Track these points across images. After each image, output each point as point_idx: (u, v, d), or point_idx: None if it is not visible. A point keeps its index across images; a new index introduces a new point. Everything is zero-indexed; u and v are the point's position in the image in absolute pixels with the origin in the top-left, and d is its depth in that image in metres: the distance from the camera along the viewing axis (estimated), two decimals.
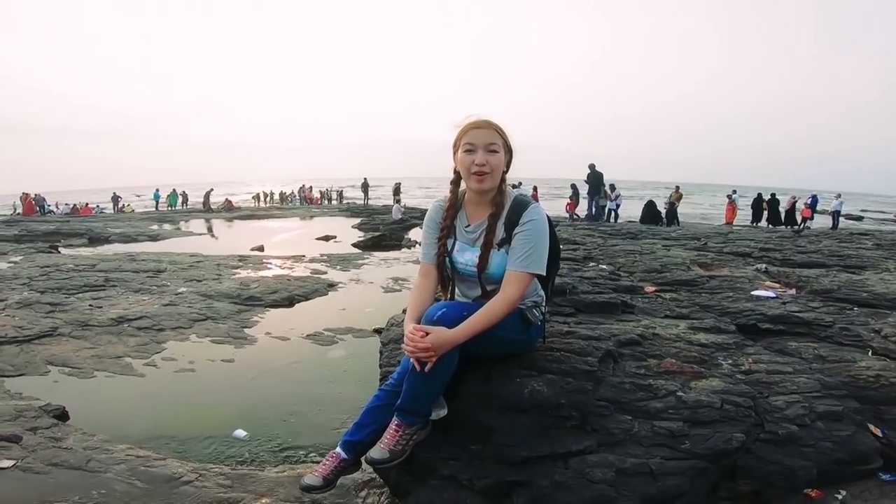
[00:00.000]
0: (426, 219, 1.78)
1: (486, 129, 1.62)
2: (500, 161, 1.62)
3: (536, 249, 1.57)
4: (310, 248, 10.43)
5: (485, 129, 1.62)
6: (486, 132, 1.61)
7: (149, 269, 7.26)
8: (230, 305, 5.20)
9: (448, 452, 1.51)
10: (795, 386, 1.81)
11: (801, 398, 1.73)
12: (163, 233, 15.25)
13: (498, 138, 1.62)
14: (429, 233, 1.76)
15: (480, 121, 1.64)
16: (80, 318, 4.50)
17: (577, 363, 1.70)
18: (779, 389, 1.79)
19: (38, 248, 10.21)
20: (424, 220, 1.79)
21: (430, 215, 1.77)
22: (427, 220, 1.78)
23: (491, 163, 1.59)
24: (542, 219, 1.62)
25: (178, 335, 4.24)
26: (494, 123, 1.64)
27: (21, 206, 23.15)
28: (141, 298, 5.49)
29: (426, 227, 1.77)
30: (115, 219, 20.57)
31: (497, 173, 1.62)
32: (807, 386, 1.81)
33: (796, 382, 1.84)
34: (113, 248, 11.94)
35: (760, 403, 1.67)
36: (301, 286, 6.03)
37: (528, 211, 1.61)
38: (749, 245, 5.62)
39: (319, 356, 3.73)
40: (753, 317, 2.75)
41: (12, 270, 7.01)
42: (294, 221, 19.20)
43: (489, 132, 1.61)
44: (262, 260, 8.57)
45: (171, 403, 2.90)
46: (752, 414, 1.60)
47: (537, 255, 1.58)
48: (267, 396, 2.96)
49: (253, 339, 4.18)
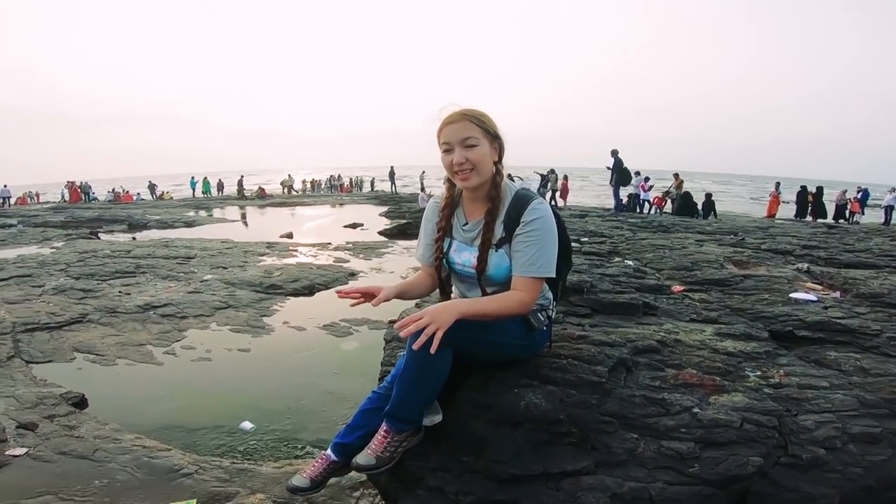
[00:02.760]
0: (424, 218, 1.69)
1: (460, 122, 1.48)
2: (483, 154, 1.48)
3: (543, 251, 1.46)
4: (337, 235, 10.52)
5: (457, 124, 1.48)
6: (459, 126, 1.47)
7: (179, 256, 7.47)
8: (252, 293, 5.28)
9: (438, 462, 1.43)
10: (830, 403, 1.64)
11: (835, 417, 1.56)
12: (198, 219, 15.73)
13: (474, 130, 1.47)
14: (425, 233, 1.67)
15: (453, 114, 1.49)
16: (109, 305, 4.65)
17: (584, 373, 1.59)
18: (810, 407, 1.62)
19: (79, 234, 10.67)
20: (424, 217, 1.70)
21: (426, 215, 1.68)
22: (424, 219, 1.69)
23: (471, 158, 1.46)
24: (546, 216, 1.48)
25: (199, 323, 4.33)
26: (470, 113, 1.49)
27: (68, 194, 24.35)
28: (168, 285, 5.64)
29: (423, 226, 1.68)
30: (154, 206, 21.36)
31: (483, 167, 1.48)
32: (843, 403, 1.64)
33: (831, 399, 1.67)
34: (150, 233, 12.39)
35: (787, 422, 1.52)
36: (322, 275, 6.07)
37: (531, 209, 1.48)
38: (791, 242, 5.28)
39: (333, 348, 3.72)
40: (790, 322, 2.54)
41: (53, 256, 7.34)
42: (324, 209, 19.46)
43: (463, 125, 1.47)
44: (288, 247, 8.70)
45: (184, 393, 2.94)
46: (776, 435, 1.45)
47: (545, 257, 1.46)
48: (277, 388, 2.97)
49: (270, 329, 4.22)
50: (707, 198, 14.34)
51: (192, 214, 17.22)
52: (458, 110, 1.50)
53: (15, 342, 3.60)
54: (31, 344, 3.63)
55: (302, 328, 4.24)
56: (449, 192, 1.63)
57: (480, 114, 1.50)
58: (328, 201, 22.38)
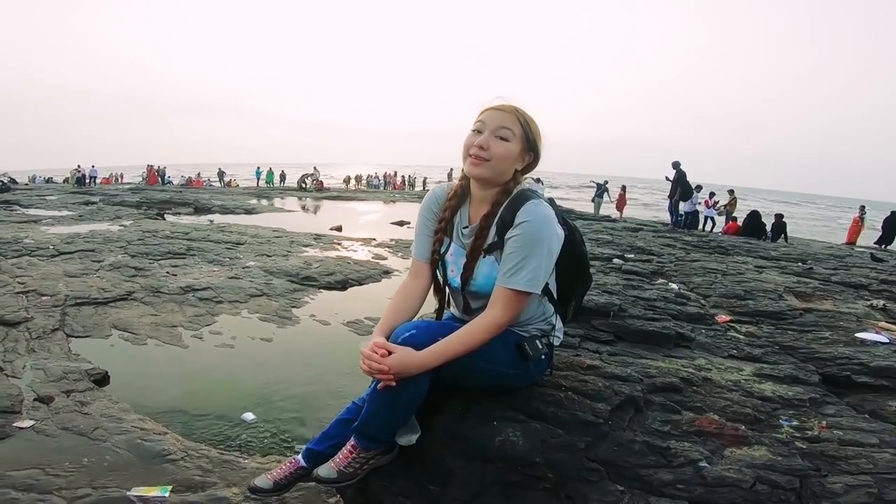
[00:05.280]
0: (422, 206, 1.51)
1: (506, 112, 1.35)
2: (509, 151, 1.33)
3: (529, 261, 1.27)
4: (383, 231, 10.64)
5: (503, 113, 1.35)
6: (503, 115, 1.35)
7: (231, 241, 7.80)
8: (287, 283, 5.38)
9: (402, 487, 1.32)
10: (872, 464, 1.35)
11: (872, 480, 1.28)
12: (258, 207, 16.49)
13: (515, 126, 1.34)
14: (424, 223, 1.49)
15: (505, 104, 1.37)
16: (155, 285, 4.88)
17: (581, 410, 1.41)
18: (846, 467, 1.35)
19: (146, 215, 11.44)
20: (420, 206, 1.52)
21: (426, 203, 1.50)
22: (423, 208, 1.51)
23: (494, 150, 1.32)
24: (538, 219, 1.28)
25: (231, 309, 4.44)
26: (521, 111, 1.36)
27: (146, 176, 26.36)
28: (212, 269, 5.87)
29: (421, 215, 1.50)
30: (220, 192, 22.65)
31: (500, 165, 1.33)
32: (888, 465, 1.35)
33: (875, 459, 1.37)
34: (214, 217, 13.10)
35: (811, 485, 1.26)
36: (357, 270, 6.10)
37: (525, 209, 1.30)
38: (867, 274, 4.70)
39: (352, 345, 3.69)
40: (849, 366, 2.20)
41: (119, 233, 7.88)
42: (377, 205, 19.83)
43: (507, 116, 1.34)
44: (333, 240, 8.86)
45: (199, 378, 3.00)
46: (792, 499, 1.21)
47: (529, 267, 1.27)
48: (287, 380, 2.97)
49: (297, 320, 4.26)
50: (777, 219, 13.21)
51: (253, 202, 18.07)
52: (512, 103, 1.38)
53: (63, 315, 3.84)
54: (76, 318, 3.85)
55: (327, 322, 4.25)
56: (462, 183, 1.46)
57: (531, 119, 1.38)
58: (381, 197, 22.82)
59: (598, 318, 2.48)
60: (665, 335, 2.34)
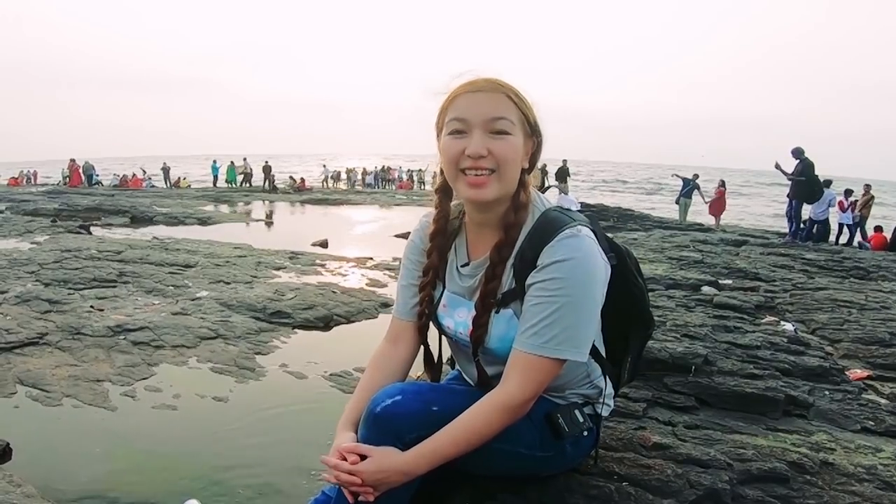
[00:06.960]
0: (406, 248, 1.59)
1: (490, 92, 1.30)
2: (515, 149, 1.30)
3: (565, 316, 1.23)
4: (382, 247, 10.79)
5: (486, 94, 1.30)
6: (488, 99, 1.29)
7: (177, 263, 8.02)
8: (250, 321, 5.49)
9: None
10: None
11: None
12: (215, 216, 16.92)
13: (510, 110, 1.30)
14: (405, 272, 1.55)
15: (480, 80, 1.32)
16: (75, 324, 5.04)
17: None
18: None
19: (67, 228, 11.84)
20: (405, 249, 1.60)
21: (410, 242, 1.58)
22: (407, 248, 1.58)
23: (497, 152, 1.27)
24: (579, 257, 1.24)
25: (176, 356, 4.55)
26: (506, 84, 1.31)
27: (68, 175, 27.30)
28: (151, 302, 6.03)
29: (404, 260, 1.58)
30: (166, 195, 23.34)
31: (510, 171, 1.30)
32: None
33: None
34: (156, 230, 13.46)
35: None
36: (346, 303, 6.19)
37: (556, 243, 1.26)
38: None
39: (335, 406, 3.72)
40: None
41: (30, 254, 8.17)
42: (374, 210, 20.11)
43: (494, 98, 1.29)
44: (315, 260, 9.02)
45: (128, 452, 3.07)
46: None
47: (567, 325, 1.23)
48: (244, 455, 3.03)
49: (262, 372, 4.34)
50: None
51: (210, 209, 18.57)
52: (488, 77, 1.33)
53: None
54: None
55: (302, 375, 4.31)
56: (442, 209, 1.48)
57: (519, 90, 1.32)
58: (380, 200, 23.12)
59: (674, 374, 2.49)
60: (771, 400, 2.34)
